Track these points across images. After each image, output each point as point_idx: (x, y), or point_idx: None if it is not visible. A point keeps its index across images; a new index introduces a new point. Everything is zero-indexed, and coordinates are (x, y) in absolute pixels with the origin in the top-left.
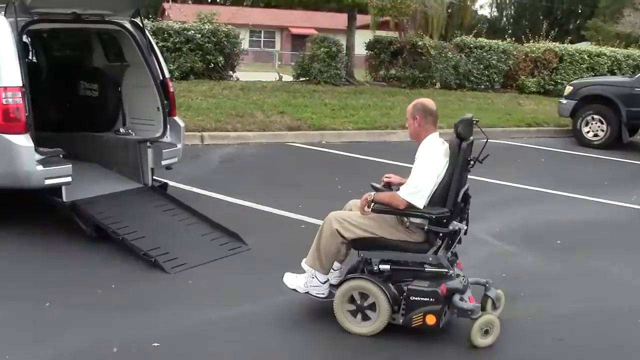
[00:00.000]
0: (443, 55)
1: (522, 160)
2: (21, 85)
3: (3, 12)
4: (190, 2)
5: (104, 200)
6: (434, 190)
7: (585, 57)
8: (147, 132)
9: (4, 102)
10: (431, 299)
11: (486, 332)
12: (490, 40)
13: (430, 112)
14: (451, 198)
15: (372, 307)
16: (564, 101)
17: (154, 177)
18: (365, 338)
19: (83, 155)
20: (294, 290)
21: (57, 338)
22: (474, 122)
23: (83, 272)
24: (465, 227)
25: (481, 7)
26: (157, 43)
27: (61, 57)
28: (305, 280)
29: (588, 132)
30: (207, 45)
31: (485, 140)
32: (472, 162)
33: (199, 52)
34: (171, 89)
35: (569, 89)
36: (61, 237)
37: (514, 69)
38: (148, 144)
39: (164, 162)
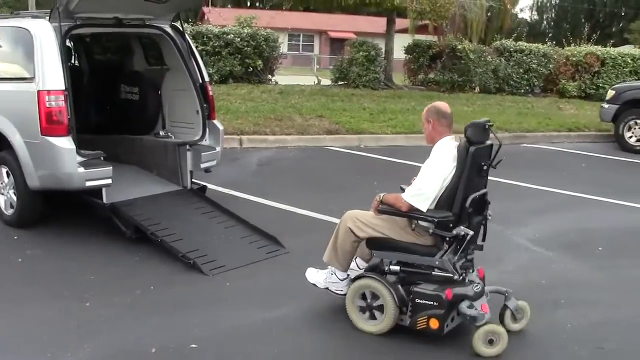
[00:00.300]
0: (482, 59)
1: (562, 166)
2: (64, 88)
3: (47, 17)
4: (229, 6)
5: (143, 202)
6: (441, 194)
7: (629, 60)
8: (186, 135)
9: (47, 105)
10: (435, 303)
11: (491, 342)
12: (531, 44)
13: (444, 115)
14: (458, 202)
15: (380, 308)
16: (606, 105)
17: (193, 180)
18: (405, 344)
19: (123, 158)
20: (314, 285)
21: (97, 337)
22: (487, 126)
23: (122, 273)
24: (472, 233)
25: (521, 10)
26: (196, 47)
27: (102, 61)
28: (325, 276)
29: (630, 137)
30: (246, 49)
31: (499, 145)
32: (485, 167)
33: (238, 55)
34: (210, 93)
35: (610, 93)
36: (101, 238)
37: (554, 73)
38: (187, 146)
39: (202, 165)
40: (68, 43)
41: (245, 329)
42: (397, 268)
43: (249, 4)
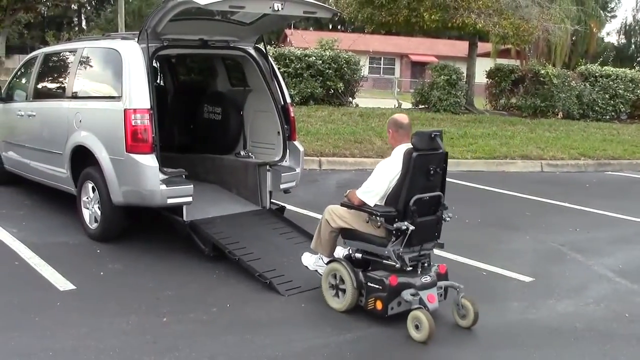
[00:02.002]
0: (566, 84)
1: None
2: (149, 107)
3: (136, 39)
4: (312, 28)
5: (222, 221)
6: (388, 192)
7: None
8: (267, 156)
9: (133, 124)
10: (379, 287)
11: (417, 327)
12: (617, 69)
13: (402, 126)
14: (402, 201)
15: (344, 289)
16: None
17: (272, 200)
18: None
19: (204, 176)
20: (306, 267)
21: (172, 353)
22: (434, 135)
23: (199, 290)
24: (412, 227)
25: (608, 34)
26: (278, 68)
27: (187, 81)
28: (314, 260)
29: None
30: (327, 71)
31: (445, 153)
32: (432, 172)
33: (320, 78)
34: (292, 114)
35: None
36: (180, 254)
37: None
38: (267, 167)
39: (282, 186)
40: (154, 63)
41: (319, 350)
42: (360, 255)
43: (331, 27)
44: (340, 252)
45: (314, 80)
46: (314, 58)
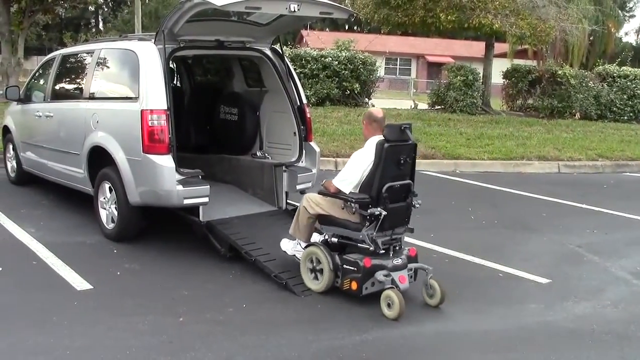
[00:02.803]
0: (584, 84)
1: None
2: (166, 108)
3: (153, 40)
4: (328, 29)
5: (238, 222)
6: (362, 181)
7: None
8: (283, 157)
9: (150, 124)
10: (354, 268)
11: (389, 305)
12: (636, 69)
13: (375, 119)
14: (375, 188)
15: (322, 271)
16: None
17: (288, 201)
18: None
19: (220, 177)
20: (285, 252)
21: (189, 353)
22: (403, 127)
23: (215, 290)
24: (384, 213)
25: (626, 34)
26: (295, 69)
27: (203, 82)
28: (292, 246)
29: None
30: (343, 72)
31: (414, 144)
32: (402, 161)
33: (336, 78)
34: (308, 115)
35: None
36: (196, 255)
37: None
38: (284, 168)
39: (298, 187)
40: (171, 64)
41: (335, 351)
42: (336, 240)
43: (347, 28)
44: (316, 238)
45: (330, 81)
46: (330, 59)
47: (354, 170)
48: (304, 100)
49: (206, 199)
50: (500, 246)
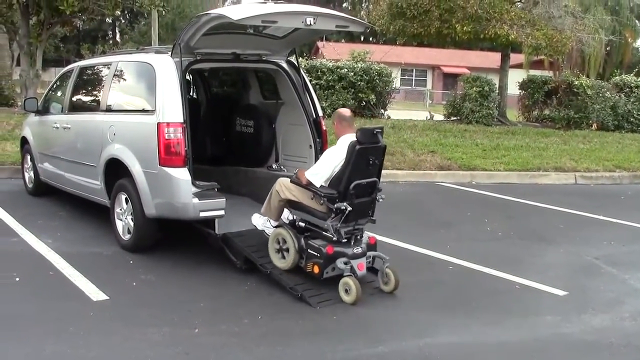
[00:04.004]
0: (600, 95)
1: None
2: (183, 121)
3: (169, 53)
4: (343, 40)
5: (253, 234)
6: (332, 176)
7: None
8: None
9: (166, 137)
10: (317, 254)
11: (346, 291)
12: None
13: (345, 118)
14: (343, 184)
15: (288, 250)
16: None
17: None
18: None
19: (235, 189)
20: (255, 227)
21: None
22: (376, 131)
23: (231, 301)
24: (350, 208)
25: None
26: (310, 80)
27: (219, 94)
28: (263, 222)
29: None
30: (359, 83)
31: (384, 146)
32: (371, 162)
33: (351, 89)
34: (324, 127)
35: None
36: (212, 266)
37: None
38: None
39: None
40: (187, 76)
41: None
42: (303, 224)
43: (362, 39)
44: (286, 214)
45: (345, 92)
46: (346, 70)
47: (326, 166)
48: (320, 113)
49: (222, 212)
50: (516, 258)
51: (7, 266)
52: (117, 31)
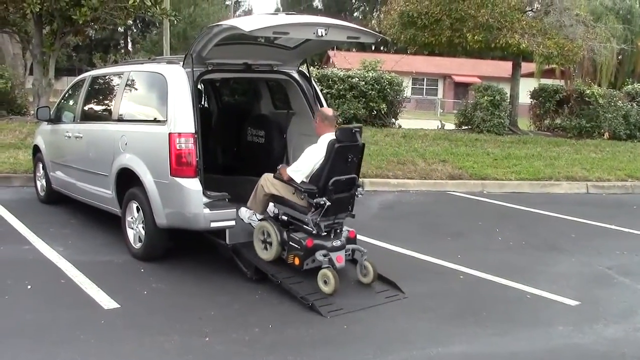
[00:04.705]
0: (612, 104)
1: None
2: (194, 132)
3: (181, 63)
4: (354, 49)
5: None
6: (312, 173)
7: None
8: None
9: (178, 147)
10: (298, 246)
11: (325, 282)
12: None
13: (326, 117)
14: (322, 181)
15: (271, 243)
16: None
17: None
18: None
19: (246, 199)
20: (241, 219)
21: None
22: (354, 130)
23: (241, 310)
24: (329, 203)
25: None
26: (321, 90)
27: (231, 104)
28: (249, 215)
29: None
30: (370, 92)
31: (363, 144)
32: (350, 159)
33: (363, 99)
34: None
35: None
36: (222, 274)
37: None
38: None
39: None
40: (199, 86)
41: None
42: (285, 218)
43: (373, 48)
44: (271, 208)
45: (356, 101)
46: (357, 79)
47: (306, 163)
48: None
49: (233, 222)
50: (527, 267)
51: (19, 274)
52: (129, 40)
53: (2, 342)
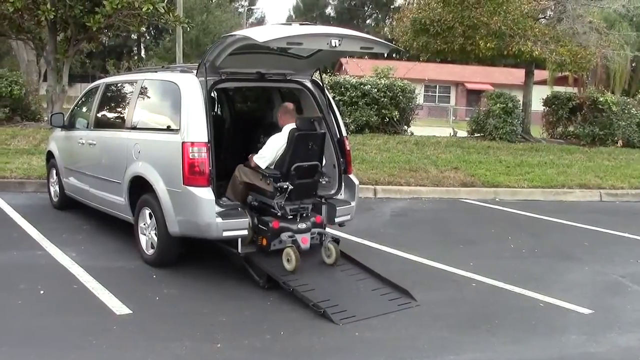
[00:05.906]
0: (626, 111)
1: None
2: (207, 141)
3: (195, 72)
4: (367, 57)
5: (276, 253)
6: (276, 159)
7: None
8: (322, 189)
9: (190, 156)
10: (265, 228)
11: (288, 261)
12: None
13: (287, 110)
14: (285, 166)
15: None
16: None
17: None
18: None
19: None
20: None
21: None
22: (313, 120)
23: (253, 317)
24: (292, 187)
25: None
26: (334, 97)
27: (243, 112)
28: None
29: None
30: (382, 99)
31: (323, 133)
32: (310, 147)
33: (375, 106)
34: (348, 147)
35: None
36: (234, 281)
37: None
38: (323, 200)
39: (337, 220)
40: (212, 94)
41: None
42: (256, 204)
43: (386, 56)
44: (250, 198)
45: (369, 109)
46: (369, 86)
47: (269, 150)
48: (344, 133)
49: (245, 232)
50: (540, 275)
51: (32, 279)
52: (142, 47)
53: (14, 347)
